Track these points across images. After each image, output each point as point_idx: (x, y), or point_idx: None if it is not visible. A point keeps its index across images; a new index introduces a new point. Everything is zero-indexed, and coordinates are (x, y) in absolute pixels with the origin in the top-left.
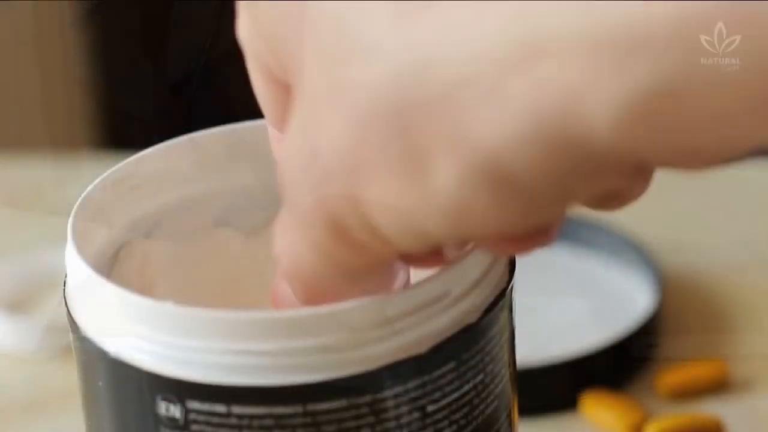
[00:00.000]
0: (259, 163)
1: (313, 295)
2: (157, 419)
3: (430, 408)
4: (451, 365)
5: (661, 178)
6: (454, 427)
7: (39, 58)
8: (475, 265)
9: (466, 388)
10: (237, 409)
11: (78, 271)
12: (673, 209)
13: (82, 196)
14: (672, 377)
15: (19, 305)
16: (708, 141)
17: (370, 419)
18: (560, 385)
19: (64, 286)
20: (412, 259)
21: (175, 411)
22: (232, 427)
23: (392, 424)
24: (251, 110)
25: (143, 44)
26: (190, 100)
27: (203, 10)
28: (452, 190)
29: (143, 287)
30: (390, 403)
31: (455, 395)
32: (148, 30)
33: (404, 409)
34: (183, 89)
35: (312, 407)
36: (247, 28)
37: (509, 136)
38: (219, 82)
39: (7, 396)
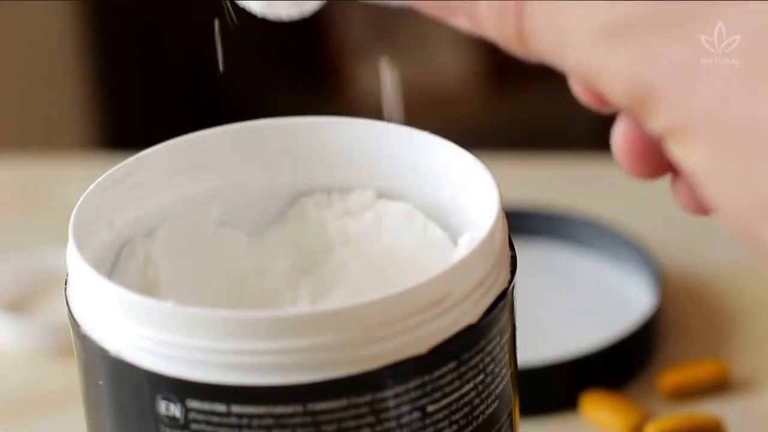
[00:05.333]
0: (260, 162)
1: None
2: (157, 418)
3: (431, 408)
4: (452, 365)
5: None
6: (455, 427)
7: (38, 58)
8: (477, 266)
9: (467, 388)
10: (237, 409)
11: (79, 270)
12: (673, 209)
13: (83, 195)
14: (672, 377)
15: (19, 305)
16: None
17: (370, 419)
18: (560, 385)
19: (65, 285)
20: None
21: (175, 410)
22: (231, 426)
23: (392, 424)
24: (253, 109)
25: (143, 44)
26: (191, 99)
27: (203, 10)
28: None
29: (145, 287)
30: (390, 403)
31: (456, 395)
32: (148, 30)
33: (404, 409)
34: (184, 89)
35: (312, 407)
36: None
37: None
38: (220, 82)
39: (7, 396)
